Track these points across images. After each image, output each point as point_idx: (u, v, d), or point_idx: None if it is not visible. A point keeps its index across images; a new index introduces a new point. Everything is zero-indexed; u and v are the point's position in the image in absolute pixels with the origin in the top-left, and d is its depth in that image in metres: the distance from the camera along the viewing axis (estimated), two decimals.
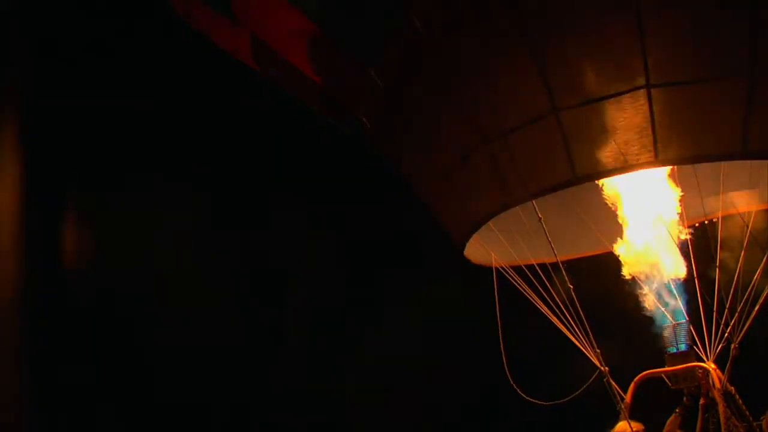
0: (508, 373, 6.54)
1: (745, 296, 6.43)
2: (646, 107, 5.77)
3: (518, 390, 6.49)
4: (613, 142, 5.85)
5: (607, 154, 5.87)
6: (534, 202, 6.42)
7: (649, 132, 5.79)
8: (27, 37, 8.61)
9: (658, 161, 5.85)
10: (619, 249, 7.03)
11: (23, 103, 8.63)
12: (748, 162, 6.48)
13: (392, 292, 9.96)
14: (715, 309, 6.47)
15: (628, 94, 5.78)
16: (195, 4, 7.33)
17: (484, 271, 7.18)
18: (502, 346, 6.65)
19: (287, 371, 9.92)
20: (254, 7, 6.78)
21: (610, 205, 6.93)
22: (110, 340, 9.34)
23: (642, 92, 5.75)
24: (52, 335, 8.86)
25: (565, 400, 6.45)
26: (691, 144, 5.82)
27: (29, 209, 8.61)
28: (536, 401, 6.53)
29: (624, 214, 6.96)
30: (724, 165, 6.60)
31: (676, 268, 6.76)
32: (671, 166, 6.49)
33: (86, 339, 9.23)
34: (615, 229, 7.07)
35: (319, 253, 10.21)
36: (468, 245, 6.89)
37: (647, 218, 6.86)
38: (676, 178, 6.76)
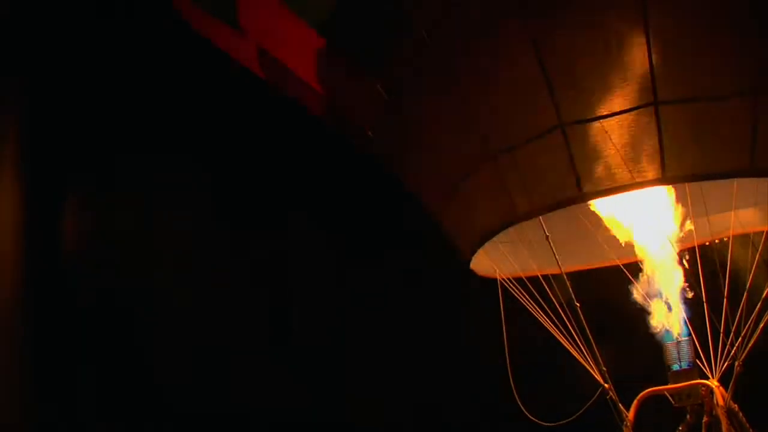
0: (515, 394, 6.50)
1: (753, 315, 6.37)
2: (653, 124, 5.71)
3: (525, 410, 6.45)
4: (620, 159, 5.79)
5: (614, 171, 5.82)
6: (541, 217, 6.36)
7: (657, 149, 5.73)
8: (27, 38, 8.58)
9: (665, 179, 5.81)
10: (626, 264, 6.99)
11: (24, 102, 8.62)
12: (758, 180, 6.41)
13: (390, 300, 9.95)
14: (722, 327, 6.41)
15: (635, 111, 5.73)
16: (203, 14, 7.30)
17: (488, 283, 7.13)
18: (508, 364, 6.61)
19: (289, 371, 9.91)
20: (261, 19, 6.74)
21: (616, 224, 6.87)
22: (110, 340, 9.34)
23: (650, 109, 5.70)
24: (51, 335, 8.86)
25: (568, 420, 6.39)
26: (698, 162, 5.77)
27: (29, 209, 8.60)
28: (539, 421, 6.48)
29: (632, 230, 6.90)
30: (735, 183, 6.52)
31: (682, 285, 6.71)
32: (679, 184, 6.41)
33: (86, 339, 9.23)
34: (623, 242, 7.02)
35: (319, 251, 10.18)
36: (474, 258, 6.84)
37: (655, 234, 6.80)
38: (686, 196, 6.70)
